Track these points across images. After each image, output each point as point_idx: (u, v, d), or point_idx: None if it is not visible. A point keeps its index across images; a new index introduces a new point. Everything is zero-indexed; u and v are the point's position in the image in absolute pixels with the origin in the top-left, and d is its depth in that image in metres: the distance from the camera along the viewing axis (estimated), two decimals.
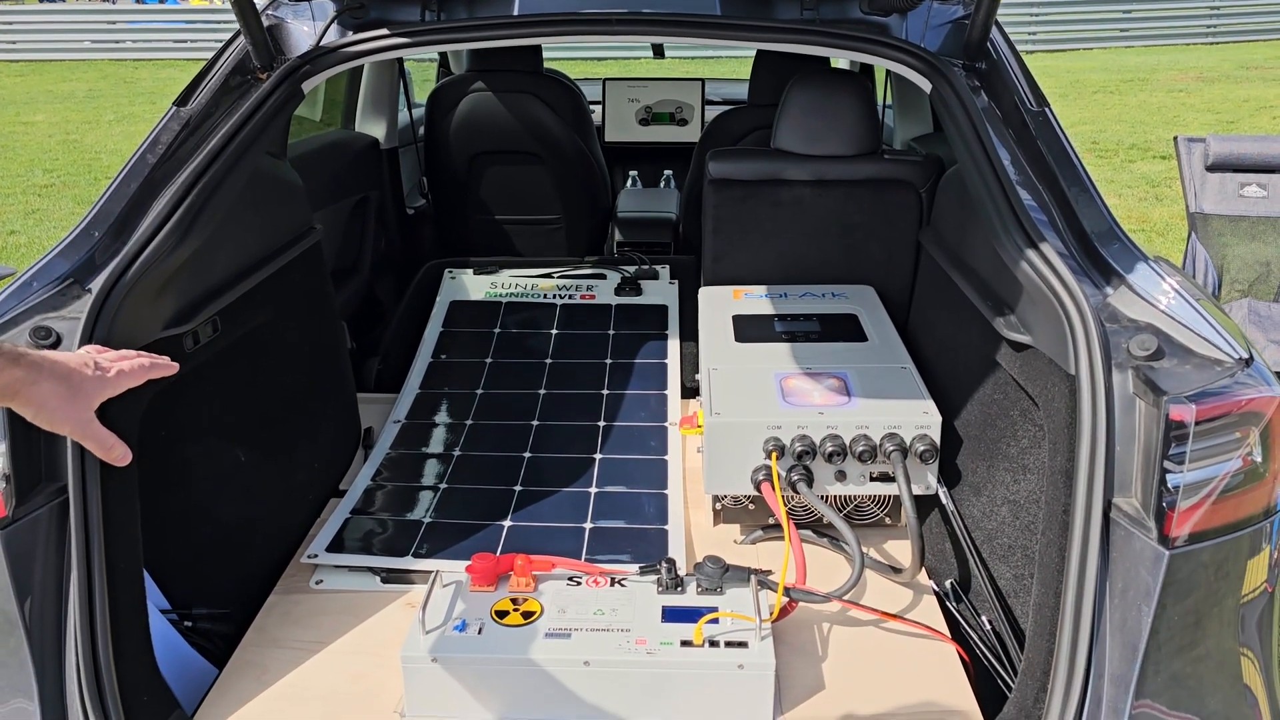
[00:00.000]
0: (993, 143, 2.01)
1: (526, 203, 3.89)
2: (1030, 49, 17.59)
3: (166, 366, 1.44)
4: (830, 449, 2.05)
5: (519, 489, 2.38)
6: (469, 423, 2.68)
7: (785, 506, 2.02)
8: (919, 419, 2.08)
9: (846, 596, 1.93)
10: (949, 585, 2.05)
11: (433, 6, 2.36)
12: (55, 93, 15.32)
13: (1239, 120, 11.41)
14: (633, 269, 3.32)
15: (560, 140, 3.79)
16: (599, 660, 1.69)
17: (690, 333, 2.91)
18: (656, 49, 5.26)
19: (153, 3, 21.06)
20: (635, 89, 4.68)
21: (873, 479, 2.10)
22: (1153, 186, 8.60)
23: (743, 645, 1.71)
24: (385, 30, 2.28)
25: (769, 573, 1.90)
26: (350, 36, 2.30)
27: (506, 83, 3.70)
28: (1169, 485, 1.45)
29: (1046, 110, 2.08)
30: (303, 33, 2.35)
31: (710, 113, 4.49)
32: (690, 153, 4.00)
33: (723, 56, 14.58)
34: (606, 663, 1.69)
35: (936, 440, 2.07)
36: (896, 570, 2.07)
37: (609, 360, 2.91)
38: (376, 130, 3.76)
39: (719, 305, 2.66)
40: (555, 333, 3.06)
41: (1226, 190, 3.95)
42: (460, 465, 2.50)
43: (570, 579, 1.90)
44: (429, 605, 1.79)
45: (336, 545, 2.16)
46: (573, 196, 3.92)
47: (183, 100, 2.10)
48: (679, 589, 1.85)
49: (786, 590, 1.86)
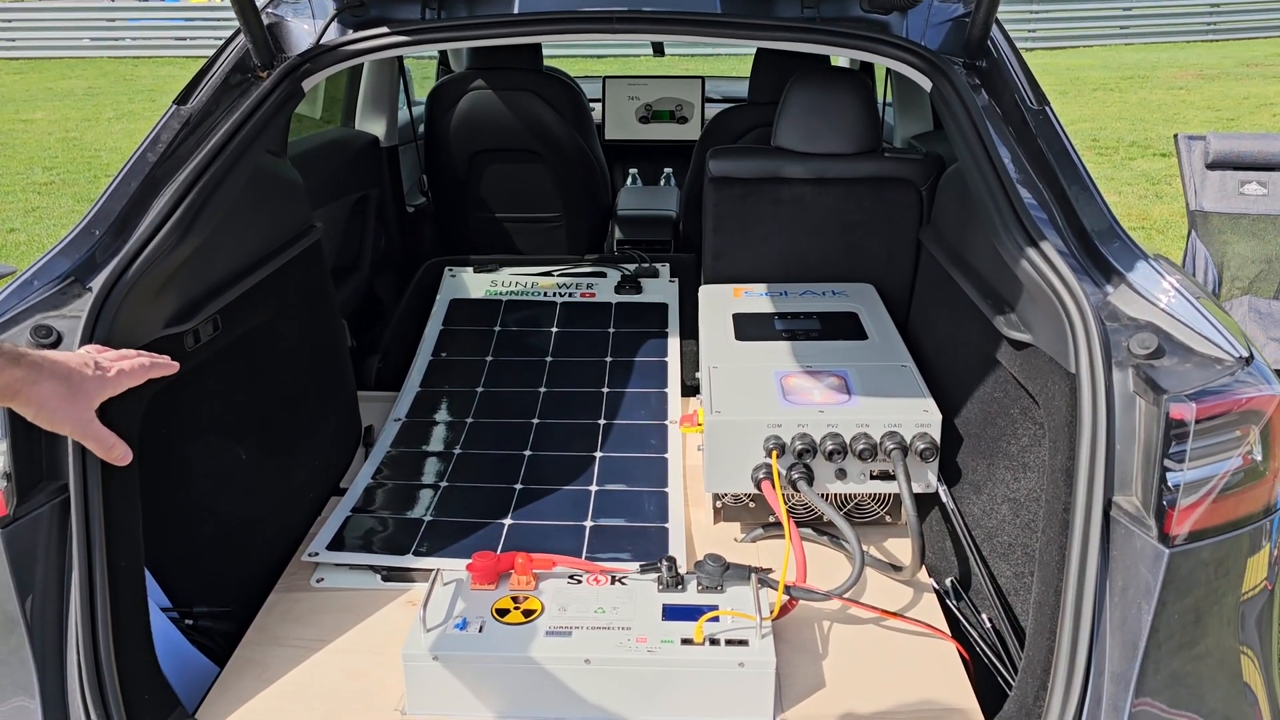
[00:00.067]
0: (993, 141, 2.01)
1: (527, 201, 3.89)
2: (1030, 46, 17.60)
3: (167, 366, 1.44)
4: (830, 447, 2.05)
5: (519, 487, 2.39)
6: (469, 421, 2.68)
7: (785, 505, 2.02)
8: (919, 417, 2.08)
9: (847, 595, 1.93)
10: (949, 583, 2.05)
11: (433, 5, 2.36)
12: (55, 90, 15.32)
13: (1239, 117, 11.41)
14: (633, 267, 3.32)
15: (560, 138, 3.78)
16: (599, 658, 1.69)
17: (690, 331, 2.91)
18: (656, 47, 5.26)
19: (152, 0, 21.03)
20: (635, 87, 4.67)
21: (873, 477, 2.10)
22: (1153, 184, 8.60)
23: (743, 643, 1.71)
24: (385, 28, 2.28)
25: (769, 571, 1.91)
26: (350, 35, 2.30)
27: (506, 81, 3.70)
28: (1169, 483, 1.45)
29: (1047, 109, 2.08)
30: (303, 31, 2.35)
31: (710, 111, 4.49)
32: (690, 151, 4.00)
33: (723, 54, 14.59)
34: (607, 661, 1.69)
35: (937, 438, 2.07)
36: (897, 568, 2.07)
37: (609, 358, 2.91)
38: (376, 128, 3.76)
39: (719, 303, 2.66)
40: (555, 331, 3.06)
41: (1226, 188, 3.94)
42: (461, 463, 2.50)
43: (571, 577, 1.90)
44: (430, 603, 1.79)
45: (337, 543, 2.16)
46: (573, 194, 3.92)
47: (183, 98, 2.10)
48: (679, 587, 1.85)
49: (787, 588, 1.87)
